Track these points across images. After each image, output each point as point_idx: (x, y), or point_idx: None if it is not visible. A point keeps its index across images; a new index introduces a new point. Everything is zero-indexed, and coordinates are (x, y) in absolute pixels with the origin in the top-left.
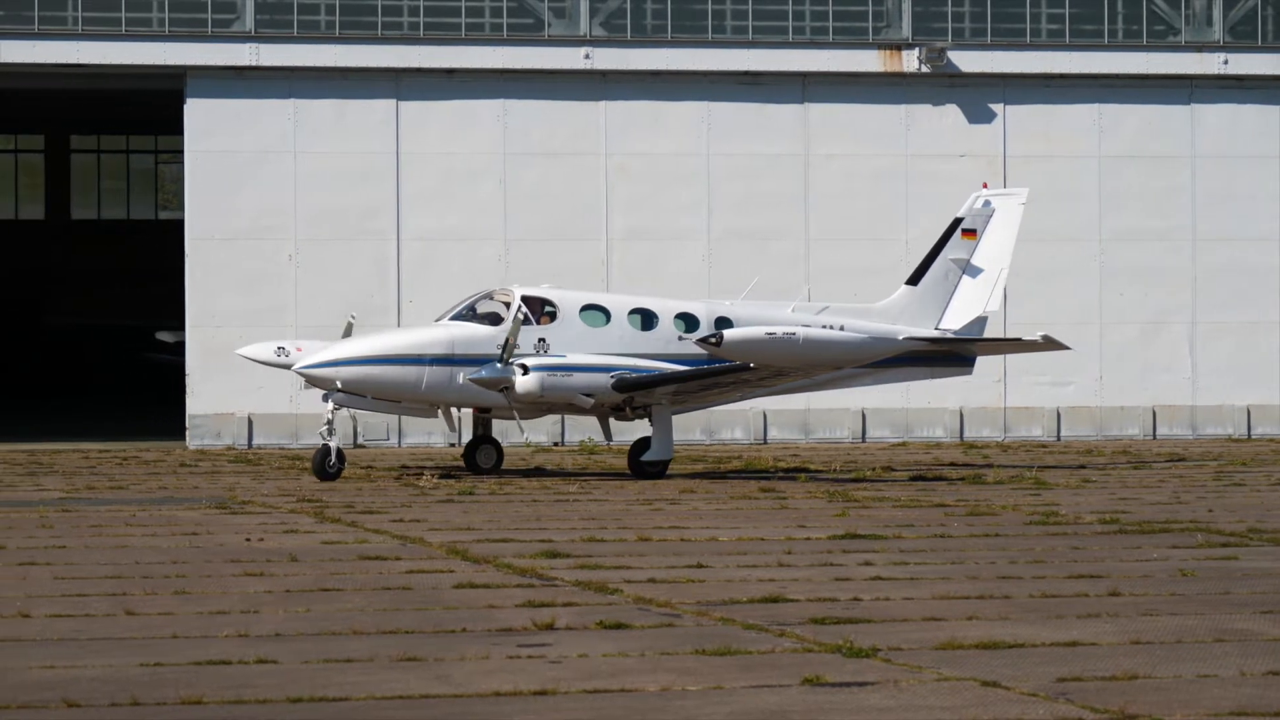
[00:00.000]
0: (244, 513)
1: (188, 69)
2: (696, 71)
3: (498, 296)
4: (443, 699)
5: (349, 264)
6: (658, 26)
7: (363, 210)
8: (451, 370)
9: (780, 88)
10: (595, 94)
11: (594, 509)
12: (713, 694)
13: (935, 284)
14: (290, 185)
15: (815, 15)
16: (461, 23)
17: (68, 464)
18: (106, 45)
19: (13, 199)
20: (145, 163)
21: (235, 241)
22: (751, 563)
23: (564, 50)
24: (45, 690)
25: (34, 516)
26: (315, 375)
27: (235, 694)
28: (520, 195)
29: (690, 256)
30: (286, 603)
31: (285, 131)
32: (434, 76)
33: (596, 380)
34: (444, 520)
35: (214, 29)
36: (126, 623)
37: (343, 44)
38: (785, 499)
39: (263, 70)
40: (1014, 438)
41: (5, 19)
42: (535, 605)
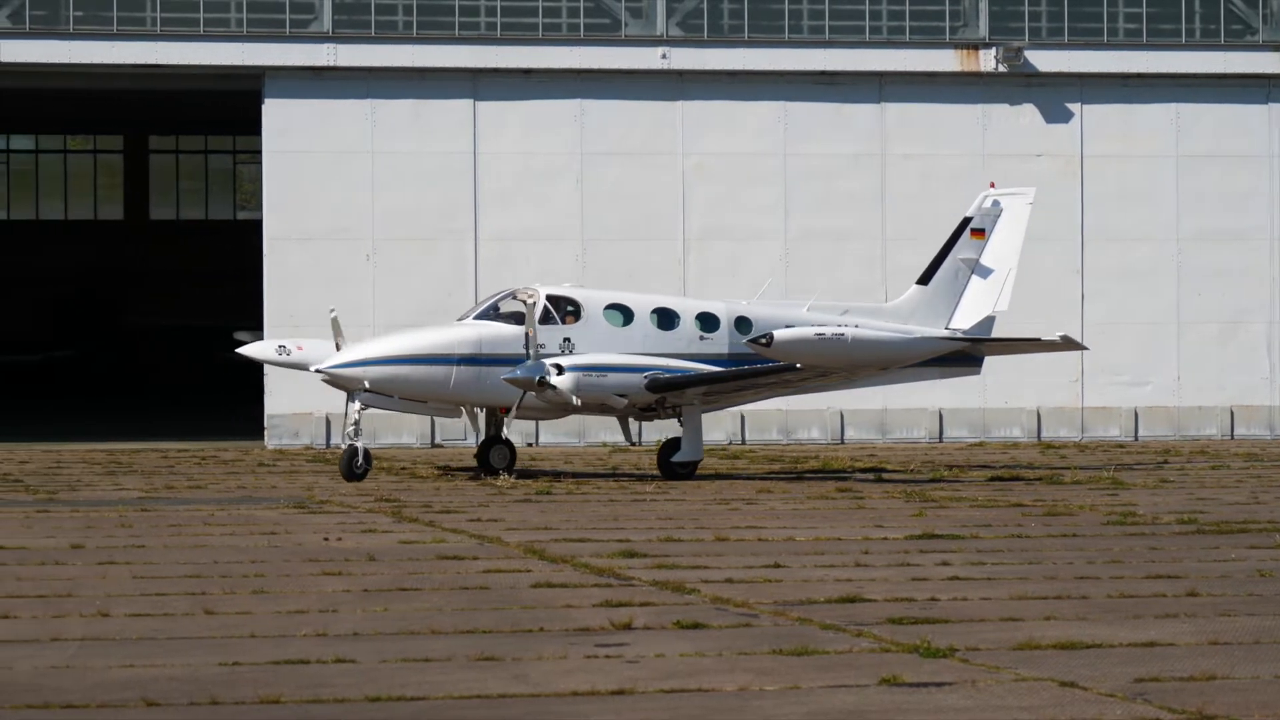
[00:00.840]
0: (322, 512)
1: (266, 69)
2: (773, 71)
3: (521, 295)
4: (520, 698)
5: (426, 264)
6: (734, 26)
7: (440, 210)
8: (479, 370)
9: (857, 87)
10: (672, 94)
11: (671, 508)
12: (790, 694)
13: (945, 284)
14: (368, 185)
15: (892, 15)
16: (539, 23)
17: (147, 463)
18: (185, 46)
19: (92, 199)
20: (223, 163)
21: (313, 242)
22: (829, 562)
23: (641, 50)
24: (124, 689)
25: (113, 516)
26: (343, 375)
27: (313, 693)
28: (597, 195)
29: (766, 256)
30: (365, 602)
31: (363, 132)
32: (511, 77)
33: (630, 380)
34: (521, 520)
35: (292, 29)
36: (205, 622)
37: (420, 44)
38: (862, 499)
39: (340, 70)
40: (1091, 438)
41: (84, 19)
42: (613, 605)
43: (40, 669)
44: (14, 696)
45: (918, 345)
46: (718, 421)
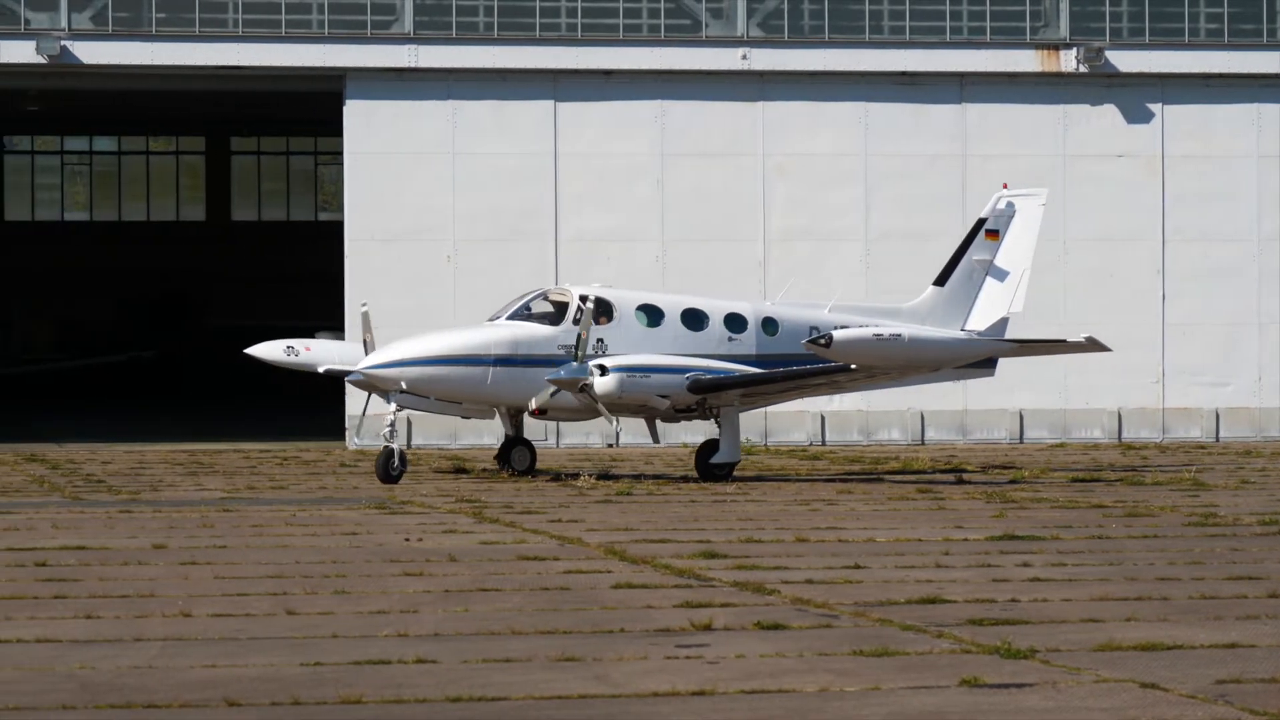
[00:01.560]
0: (403, 513)
1: (347, 71)
2: (853, 72)
3: (553, 296)
4: (601, 699)
5: (507, 265)
6: (815, 27)
7: (521, 211)
8: (514, 370)
9: (938, 88)
10: (752, 95)
11: (751, 509)
12: (870, 695)
13: (961, 285)
14: (449, 186)
15: (973, 15)
16: (619, 24)
17: (228, 464)
18: (267, 48)
19: (174, 201)
20: (305, 164)
21: (394, 243)
22: (909, 563)
23: (721, 51)
24: (207, 689)
25: (195, 516)
26: (380, 376)
27: (395, 693)
28: (677, 196)
29: (848, 257)
30: (445, 602)
31: (444, 133)
32: (592, 77)
33: (672, 381)
34: (601, 520)
35: (373, 31)
36: (287, 622)
37: (501, 45)
38: (943, 500)
39: (422, 72)
40: (1172, 439)
41: (167, 21)
42: (693, 606)
43: (123, 669)
44: (97, 696)
45: (972, 346)
46: (798, 422)
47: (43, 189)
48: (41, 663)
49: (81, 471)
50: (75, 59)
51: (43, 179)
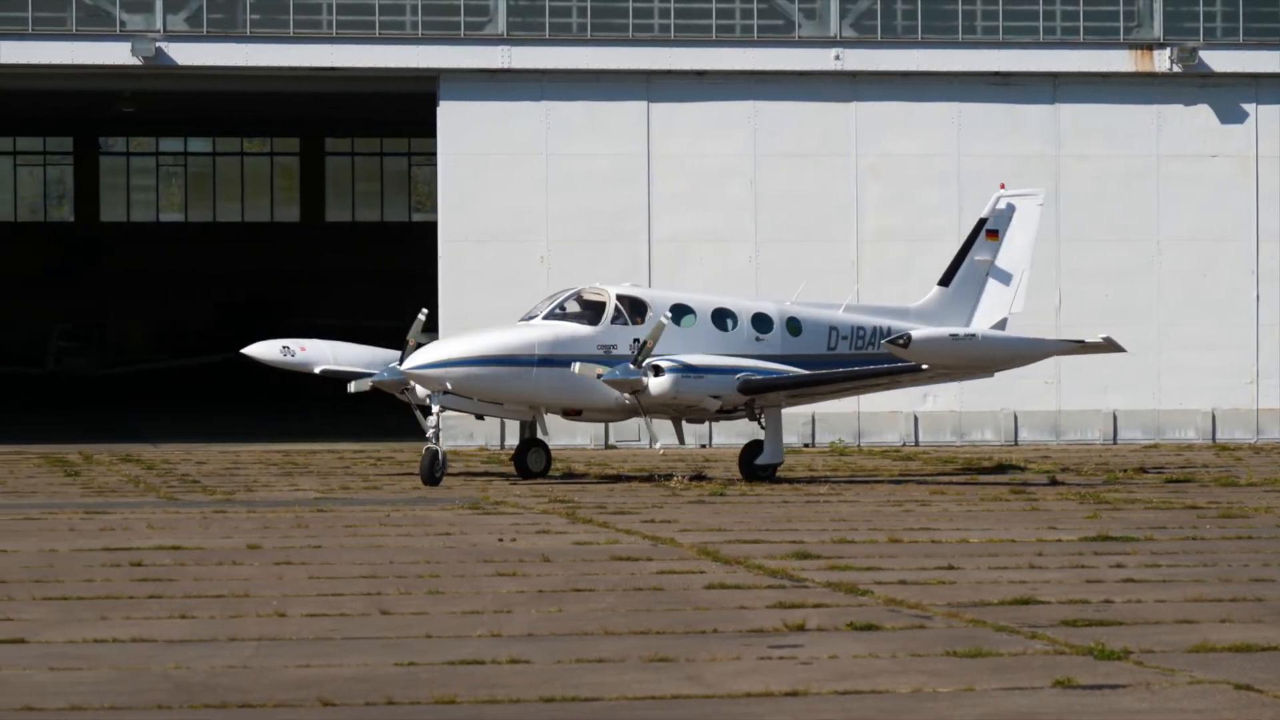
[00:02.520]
0: (497, 513)
1: (441, 72)
2: (947, 72)
3: (587, 295)
4: (694, 699)
5: (600, 265)
6: (908, 27)
7: (614, 212)
8: (554, 371)
9: (1031, 88)
10: (845, 95)
11: (844, 510)
12: (964, 696)
13: (965, 285)
14: (542, 187)
15: (1066, 15)
16: (712, 24)
17: (322, 464)
18: (360, 49)
19: (268, 201)
20: (399, 165)
21: (487, 243)
22: (1002, 564)
23: (814, 52)
24: (301, 689)
25: (290, 516)
26: (426, 376)
27: (488, 693)
28: (770, 196)
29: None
30: (539, 603)
31: (537, 133)
32: (685, 78)
33: (724, 382)
34: (694, 521)
35: (467, 32)
36: (381, 622)
37: (594, 46)
38: (1036, 500)
39: (515, 73)
40: (1267, 439)
41: (261, 23)
42: (786, 606)
43: (217, 669)
44: (192, 696)
45: (1039, 346)
46: (891, 423)
47: (138, 190)
48: (137, 662)
49: (176, 472)
50: (170, 60)
51: (138, 180)
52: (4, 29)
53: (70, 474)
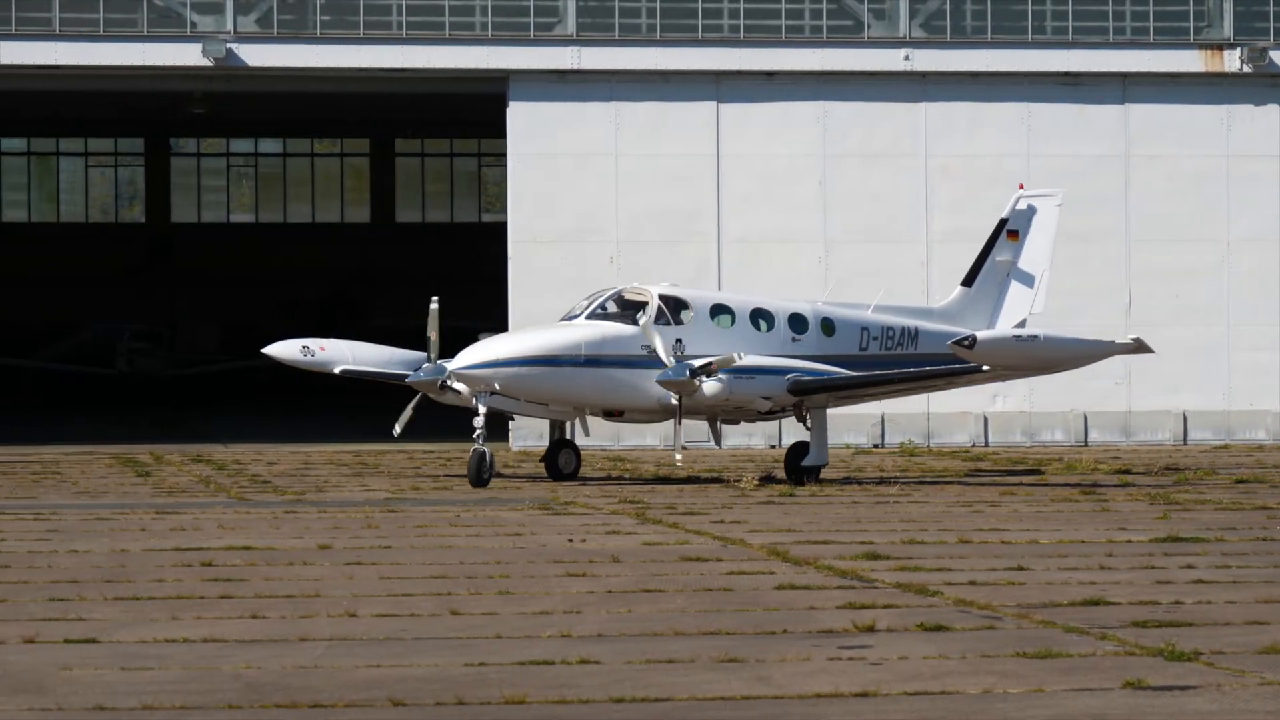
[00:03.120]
0: (566, 513)
1: (510, 73)
2: (1016, 72)
3: (628, 295)
4: (763, 700)
5: (669, 266)
6: (977, 28)
7: (683, 212)
8: (599, 371)
9: (1101, 88)
10: (915, 95)
11: (914, 511)
12: (1034, 697)
13: (987, 286)
14: (611, 188)
15: (1136, 15)
16: (781, 25)
17: (393, 465)
18: (431, 50)
19: (338, 202)
20: (468, 166)
21: (557, 244)
22: (1072, 565)
23: (884, 52)
24: (372, 689)
25: (360, 517)
26: (474, 377)
27: (558, 694)
28: (839, 197)
29: None
30: (609, 603)
31: (606, 134)
32: (754, 79)
33: (774, 383)
34: (764, 522)
35: (536, 32)
36: (451, 622)
37: (663, 46)
38: (1106, 501)
39: (584, 73)
40: None
41: (331, 24)
42: (856, 607)
43: (288, 669)
44: (263, 696)
45: (1098, 347)
46: (961, 424)
47: (209, 191)
48: (208, 662)
49: (247, 472)
50: (241, 62)
51: (209, 181)
52: (76, 30)
53: (141, 474)
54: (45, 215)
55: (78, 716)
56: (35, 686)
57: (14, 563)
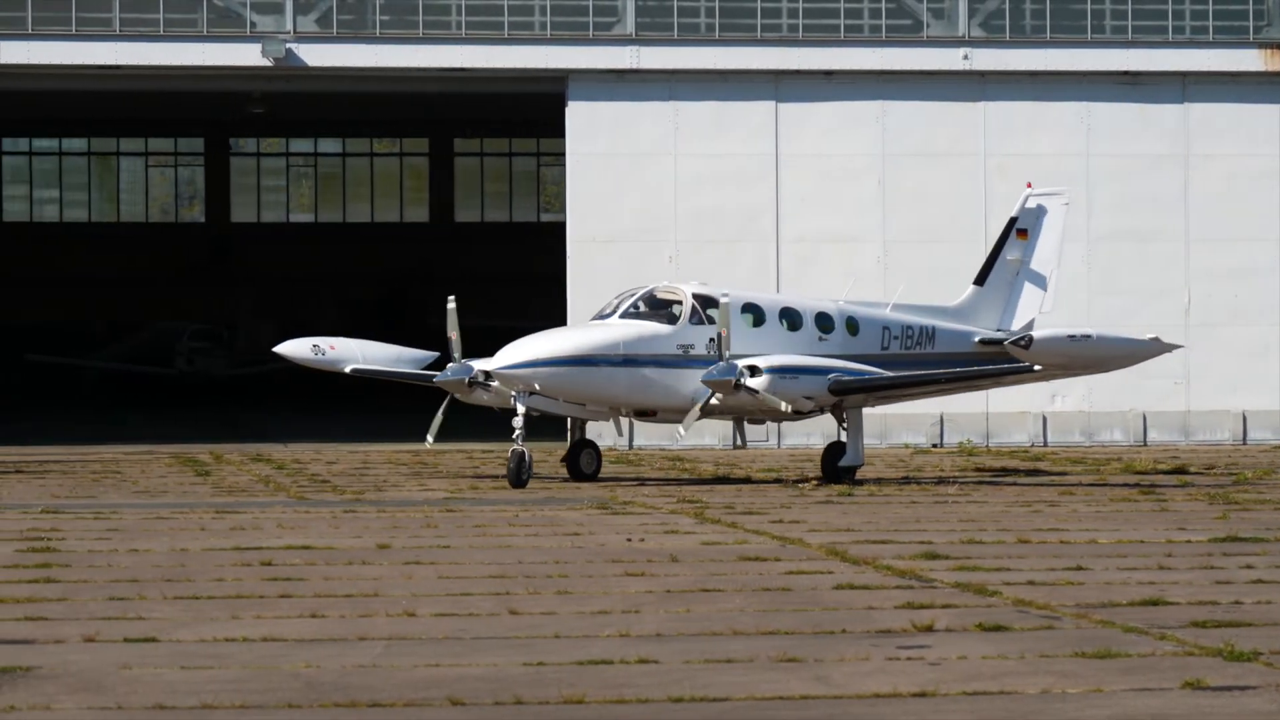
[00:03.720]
0: (625, 513)
1: (569, 72)
2: (1076, 72)
3: (662, 293)
4: (822, 700)
5: (728, 266)
6: (1037, 27)
7: (742, 212)
8: (636, 371)
9: (1160, 87)
10: (974, 95)
11: (973, 511)
12: (1092, 697)
13: (999, 285)
14: (670, 187)
15: (1195, 15)
16: (840, 24)
17: (452, 464)
18: (490, 49)
19: (398, 202)
20: (527, 165)
21: (615, 243)
22: (1131, 565)
23: (943, 51)
24: (430, 688)
25: (419, 516)
26: (515, 376)
27: (617, 693)
28: (898, 196)
29: (1069, 258)
30: (667, 603)
31: (665, 134)
32: (813, 78)
33: (816, 382)
34: (823, 521)
35: (595, 32)
36: (509, 622)
37: (722, 46)
38: (1165, 501)
39: (643, 73)
40: None
41: (390, 24)
42: (914, 607)
43: (347, 668)
44: (322, 695)
45: (1146, 346)
46: (1020, 424)
47: (268, 191)
48: (267, 661)
49: (307, 471)
50: (300, 62)
51: (268, 181)
52: (137, 31)
53: (201, 474)
54: (106, 215)
55: (137, 715)
56: (95, 685)
57: (74, 562)
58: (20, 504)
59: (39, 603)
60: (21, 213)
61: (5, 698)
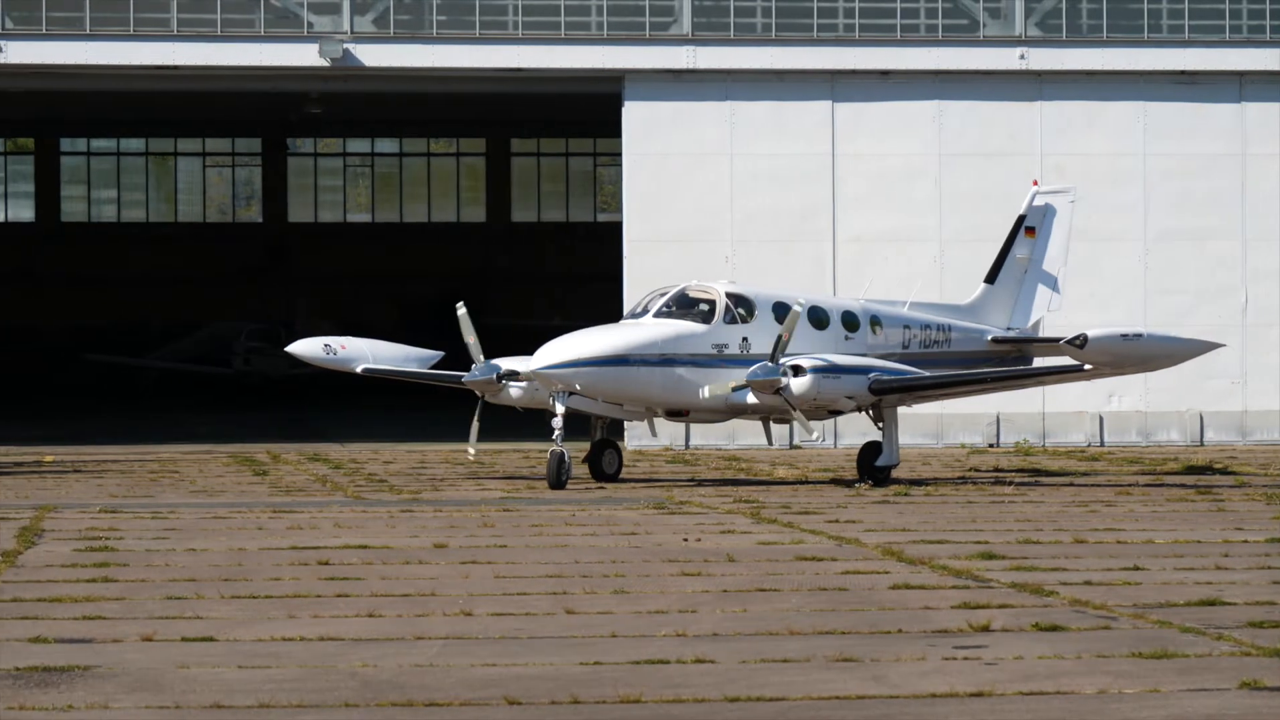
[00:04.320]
0: (681, 513)
1: (626, 72)
2: (1132, 71)
3: (694, 292)
4: (879, 699)
5: (784, 266)
6: (1093, 26)
7: (798, 211)
8: (671, 370)
9: (1217, 87)
10: (1030, 94)
11: (1029, 510)
12: (1149, 697)
13: (1009, 282)
14: (726, 187)
15: (1252, 14)
16: (896, 24)
17: (508, 464)
18: (546, 49)
19: (454, 202)
20: (584, 165)
21: (672, 243)
22: (1188, 565)
23: (999, 51)
24: (487, 687)
25: (476, 516)
26: (557, 376)
27: (673, 693)
28: (955, 196)
29: (1125, 257)
30: (724, 603)
31: (722, 133)
32: (869, 78)
33: (858, 382)
34: (879, 521)
35: (651, 32)
36: (566, 621)
37: (779, 46)
38: (1222, 501)
39: (699, 73)
40: None
41: (447, 24)
42: (971, 607)
43: (405, 667)
44: (379, 694)
45: (1192, 345)
46: (1077, 424)
47: (325, 191)
48: (324, 660)
49: (364, 471)
50: (357, 62)
51: (325, 181)
52: (194, 31)
53: (258, 473)
54: (163, 215)
55: (195, 714)
56: (153, 684)
57: (132, 561)
58: (79, 503)
59: (97, 602)
60: (80, 213)
61: (64, 696)
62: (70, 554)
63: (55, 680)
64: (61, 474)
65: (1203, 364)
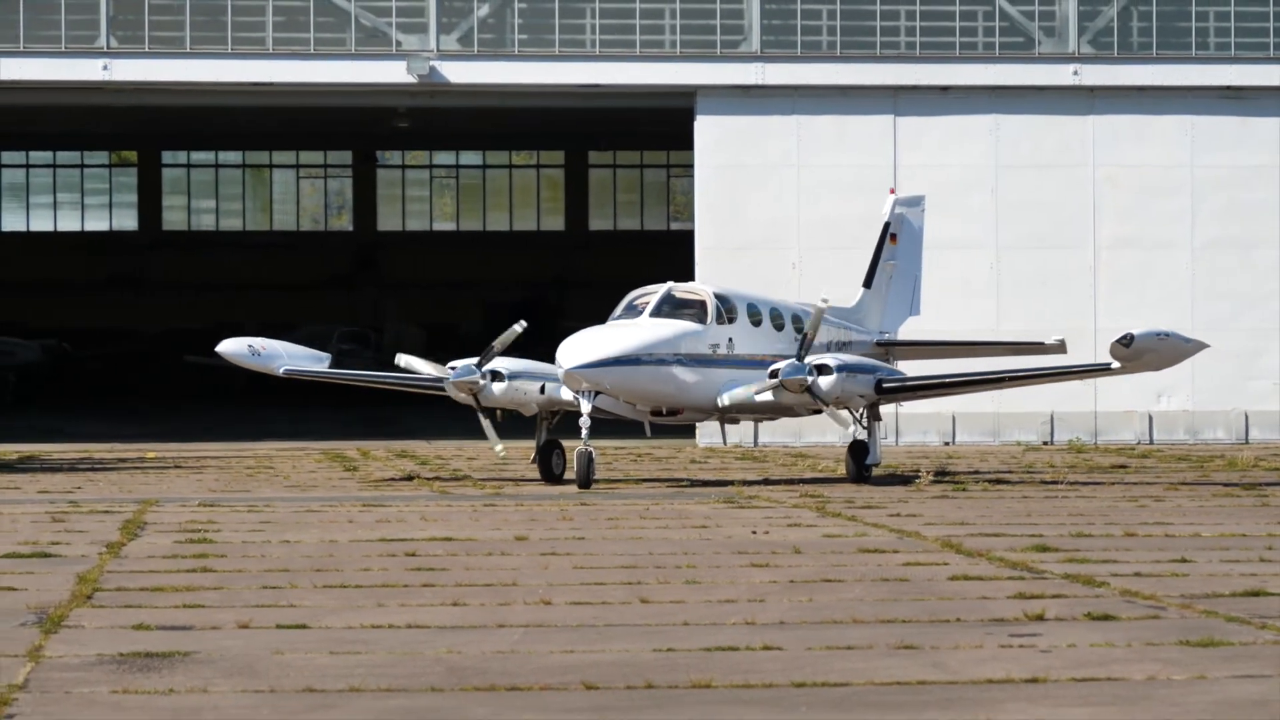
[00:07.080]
0: (750, 507)
1: (698, 88)
2: (1181, 86)
3: (679, 293)
4: (937, 685)
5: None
6: (1144, 44)
7: (863, 220)
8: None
9: (1263, 101)
10: (1083, 109)
11: (1082, 505)
12: (1196, 684)
13: (881, 287)
14: (794, 198)
15: None
16: (956, 42)
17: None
18: (622, 66)
19: (534, 211)
20: (658, 176)
21: (742, 251)
22: (1233, 558)
23: (1054, 67)
24: (566, 673)
25: (554, 510)
26: (585, 376)
27: (743, 679)
28: (1010, 206)
29: (1174, 264)
30: (790, 592)
31: (789, 146)
32: (929, 93)
33: (868, 381)
34: (939, 515)
35: (722, 50)
36: (640, 610)
37: (844, 63)
38: (1267, 497)
39: (768, 89)
40: None
41: (528, 42)
42: (1026, 597)
43: (487, 653)
44: (463, 679)
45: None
46: (1126, 422)
47: (413, 201)
48: (411, 647)
49: (449, 467)
50: (443, 78)
51: (412, 191)
52: (289, 50)
53: (349, 469)
54: (259, 224)
55: (289, 698)
56: (249, 669)
57: (230, 552)
58: (179, 498)
59: (196, 591)
60: (180, 222)
61: (165, 680)
62: (171, 545)
63: (157, 665)
64: (163, 470)
65: (1247, 366)
